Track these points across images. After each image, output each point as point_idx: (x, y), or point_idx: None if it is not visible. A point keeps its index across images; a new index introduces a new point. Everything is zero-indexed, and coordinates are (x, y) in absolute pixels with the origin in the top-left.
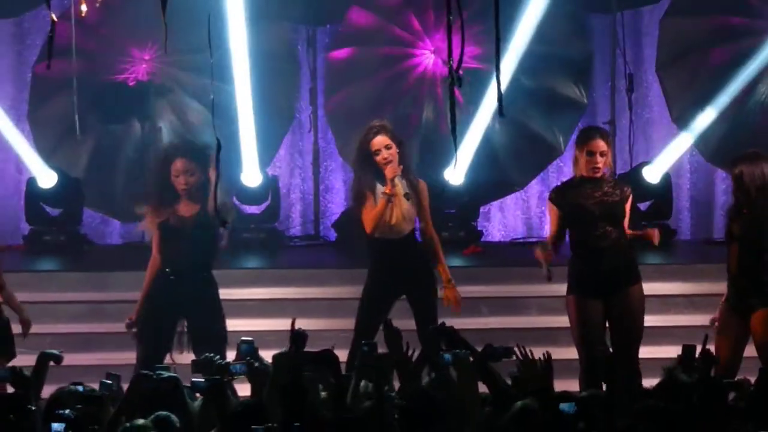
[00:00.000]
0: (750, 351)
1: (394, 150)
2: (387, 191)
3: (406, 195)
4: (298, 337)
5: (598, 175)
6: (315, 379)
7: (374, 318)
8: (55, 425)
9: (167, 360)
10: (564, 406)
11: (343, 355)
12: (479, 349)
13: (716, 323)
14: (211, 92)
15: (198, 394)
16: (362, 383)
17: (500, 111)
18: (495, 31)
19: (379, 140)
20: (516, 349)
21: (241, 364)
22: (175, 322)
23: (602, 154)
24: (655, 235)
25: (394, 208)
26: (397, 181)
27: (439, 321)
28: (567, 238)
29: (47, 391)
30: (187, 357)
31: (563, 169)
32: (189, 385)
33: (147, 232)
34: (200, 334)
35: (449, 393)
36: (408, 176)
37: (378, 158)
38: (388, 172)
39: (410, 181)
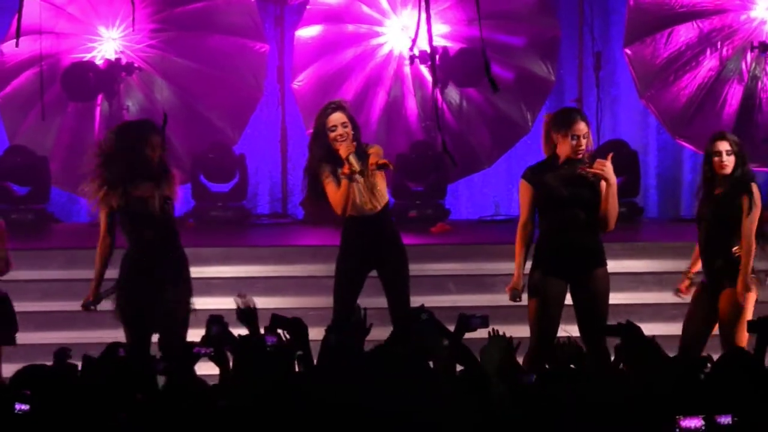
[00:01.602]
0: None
1: (350, 129)
2: (345, 171)
3: (361, 172)
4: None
5: (580, 156)
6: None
7: (349, 294)
8: (20, 405)
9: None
10: (524, 378)
11: (315, 333)
12: (451, 328)
13: (681, 293)
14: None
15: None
16: None
17: (493, 87)
18: (477, 9)
19: (337, 117)
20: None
21: (206, 348)
22: (152, 302)
23: (584, 136)
24: (606, 166)
25: (358, 186)
26: (352, 159)
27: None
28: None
29: (12, 369)
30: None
31: (531, 147)
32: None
33: (102, 211)
34: (168, 315)
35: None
36: (360, 150)
37: (333, 134)
38: (342, 151)
39: (363, 151)
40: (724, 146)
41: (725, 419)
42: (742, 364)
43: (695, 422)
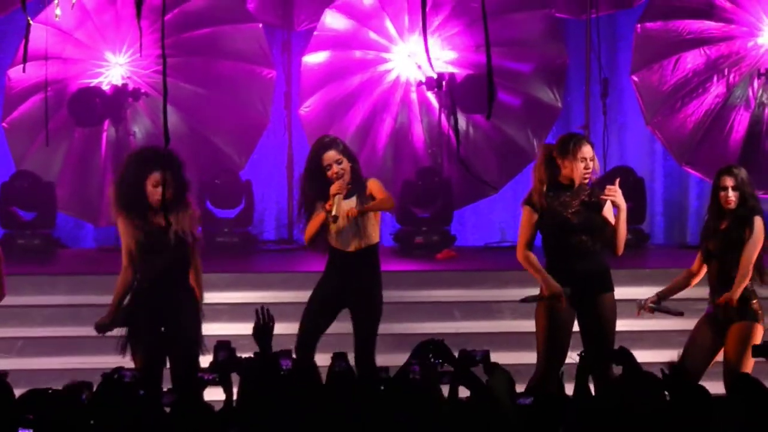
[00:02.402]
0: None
1: (346, 164)
2: (327, 207)
3: (334, 218)
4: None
5: (587, 180)
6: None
7: (317, 320)
8: (23, 430)
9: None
10: (522, 400)
11: (322, 359)
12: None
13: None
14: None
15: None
16: None
17: (488, 114)
18: (485, 36)
19: (330, 155)
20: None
21: (211, 374)
22: (159, 330)
23: (591, 159)
24: (617, 192)
25: (346, 226)
26: (338, 199)
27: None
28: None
29: (16, 394)
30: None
31: None
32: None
33: (124, 242)
34: (177, 343)
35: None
36: (359, 185)
37: (329, 173)
38: (333, 188)
39: (362, 186)
40: (729, 182)
41: None
42: (754, 391)
43: None
